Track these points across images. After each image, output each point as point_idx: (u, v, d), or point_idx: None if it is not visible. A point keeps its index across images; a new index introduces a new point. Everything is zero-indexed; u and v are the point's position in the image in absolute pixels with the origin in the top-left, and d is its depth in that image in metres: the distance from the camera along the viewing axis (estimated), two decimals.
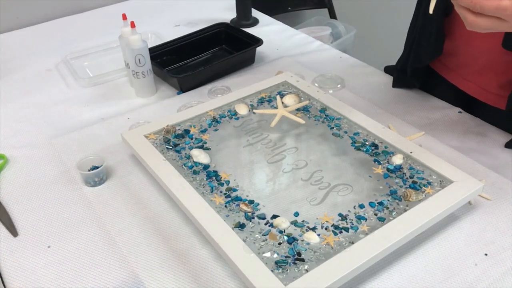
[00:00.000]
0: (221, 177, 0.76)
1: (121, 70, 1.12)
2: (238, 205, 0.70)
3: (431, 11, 0.65)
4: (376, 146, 0.81)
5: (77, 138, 0.93)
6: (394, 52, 1.08)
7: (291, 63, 1.15)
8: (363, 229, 0.66)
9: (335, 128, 0.86)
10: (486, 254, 0.67)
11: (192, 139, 0.84)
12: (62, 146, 0.91)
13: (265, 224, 0.68)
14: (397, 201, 0.70)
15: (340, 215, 0.69)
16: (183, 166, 0.78)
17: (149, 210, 0.76)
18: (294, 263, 0.62)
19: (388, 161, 0.78)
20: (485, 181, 0.78)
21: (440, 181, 0.72)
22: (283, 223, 0.67)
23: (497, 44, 0.79)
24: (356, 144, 0.82)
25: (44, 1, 1.41)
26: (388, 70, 1.09)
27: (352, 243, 0.63)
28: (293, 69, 1.09)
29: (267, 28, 1.33)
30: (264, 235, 0.66)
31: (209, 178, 0.76)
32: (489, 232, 0.70)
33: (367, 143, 0.82)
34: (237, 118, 0.90)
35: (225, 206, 0.70)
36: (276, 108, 0.91)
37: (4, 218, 0.76)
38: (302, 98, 0.94)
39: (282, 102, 0.92)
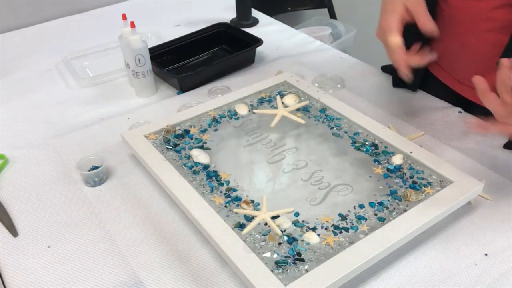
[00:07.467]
0: (221, 177, 0.76)
1: (121, 70, 1.12)
2: (238, 205, 0.70)
3: None
4: (376, 146, 0.81)
5: (77, 138, 0.93)
6: None
7: (291, 63, 1.15)
8: (363, 229, 0.66)
9: (335, 128, 0.86)
10: (486, 254, 0.67)
11: (192, 139, 0.84)
12: (62, 146, 0.91)
13: (265, 224, 0.67)
14: (397, 201, 0.70)
15: (340, 215, 0.69)
16: (183, 166, 0.78)
17: (149, 210, 0.76)
18: (294, 263, 0.62)
19: (388, 161, 0.78)
20: (485, 181, 0.78)
21: (440, 181, 0.72)
22: (284, 222, 0.67)
23: (491, 50, 0.79)
24: (356, 144, 0.82)
25: (44, 1, 1.41)
26: (384, 69, 1.09)
27: (352, 243, 0.63)
28: (293, 69, 1.09)
29: (267, 28, 1.33)
30: (264, 235, 0.66)
31: (209, 178, 0.76)
32: (489, 232, 0.70)
33: (367, 143, 0.82)
34: (237, 118, 0.90)
35: (225, 206, 0.70)
36: (276, 108, 0.91)
37: (4, 218, 0.76)
38: (302, 98, 0.94)
39: (282, 102, 0.92)
